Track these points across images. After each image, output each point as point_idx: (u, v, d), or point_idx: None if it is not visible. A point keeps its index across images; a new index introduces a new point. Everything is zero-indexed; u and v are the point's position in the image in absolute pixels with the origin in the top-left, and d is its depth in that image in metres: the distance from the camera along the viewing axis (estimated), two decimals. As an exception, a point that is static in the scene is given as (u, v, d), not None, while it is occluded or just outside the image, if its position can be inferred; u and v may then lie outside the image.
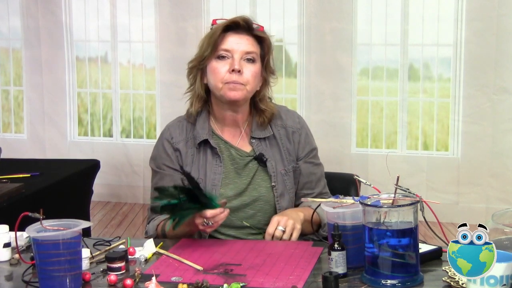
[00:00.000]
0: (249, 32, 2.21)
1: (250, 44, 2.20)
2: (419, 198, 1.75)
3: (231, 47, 2.18)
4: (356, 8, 5.20)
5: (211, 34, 2.20)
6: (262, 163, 2.25)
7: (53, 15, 5.74)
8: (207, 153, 2.25)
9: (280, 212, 2.22)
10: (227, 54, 2.19)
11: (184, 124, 2.30)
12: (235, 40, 2.19)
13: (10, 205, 2.95)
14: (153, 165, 2.31)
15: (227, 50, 2.18)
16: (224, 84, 2.18)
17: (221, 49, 2.19)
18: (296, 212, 2.17)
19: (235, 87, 2.18)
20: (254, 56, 2.20)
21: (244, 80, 2.18)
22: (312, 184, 2.33)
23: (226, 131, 2.29)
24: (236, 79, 2.17)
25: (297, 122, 2.33)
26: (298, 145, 2.31)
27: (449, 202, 5.07)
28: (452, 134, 5.19)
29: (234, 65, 2.16)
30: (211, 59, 2.20)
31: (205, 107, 2.29)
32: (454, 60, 5.10)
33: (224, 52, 2.19)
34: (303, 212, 2.16)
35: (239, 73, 2.17)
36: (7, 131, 6.09)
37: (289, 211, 2.19)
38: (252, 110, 2.30)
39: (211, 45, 2.18)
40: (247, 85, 2.19)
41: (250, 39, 2.21)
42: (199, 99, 2.27)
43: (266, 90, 2.29)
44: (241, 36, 2.20)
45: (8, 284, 1.84)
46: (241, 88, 2.18)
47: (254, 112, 2.29)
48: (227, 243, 2.08)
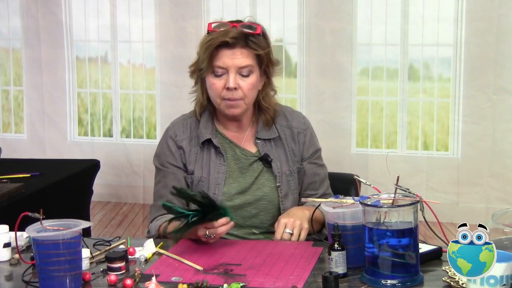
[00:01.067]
0: (244, 45, 2.17)
1: (244, 57, 2.17)
2: (419, 198, 1.75)
3: (225, 64, 2.16)
4: (356, 8, 5.20)
5: (205, 47, 2.16)
6: (267, 163, 2.25)
7: (53, 15, 5.74)
8: (211, 152, 2.26)
9: (285, 212, 2.22)
10: (222, 71, 2.17)
11: (188, 122, 2.30)
12: (229, 56, 2.16)
13: (10, 205, 2.94)
14: (156, 163, 2.31)
15: (222, 67, 2.17)
16: (222, 100, 2.19)
17: (216, 66, 2.17)
18: (302, 210, 2.17)
19: (233, 105, 2.18)
20: (250, 68, 2.18)
21: (241, 95, 2.18)
22: (316, 185, 2.33)
23: (230, 131, 2.30)
24: (232, 96, 2.17)
25: (302, 123, 2.34)
26: (303, 146, 2.31)
27: (449, 202, 5.07)
28: (452, 134, 5.19)
29: (229, 83, 2.15)
30: (208, 73, 2.19)
31: (208, 107, 2.29)
32: (454, 60, 5.10)
33: (219, 69, 2.17)
34: (309, 210, 2.15)
35: (235, 90, 2.16)
36: (7, 131, 6.09)
37: (294, 210, 2.19)
38: (256, 110, 2.30)
39: (206, 61, 2.16)
40: (245, 99, 2.19)
41: (244, 51, 2.17)
42: (200, 103, 2.28)
43: (268, 88, 2.29)
44: (234, 50, 2.16)
45: (8, 284, 1.84)
46: (239, 104, 2.19)
47: (258, 112, 2.30)
48: (227, 243, 2.08)
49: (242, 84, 2.17)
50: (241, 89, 2.17)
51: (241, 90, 2.17)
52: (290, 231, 2.08)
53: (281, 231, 2.08)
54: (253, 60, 2.19)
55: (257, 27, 2.20)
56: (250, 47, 2.17)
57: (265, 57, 2.21)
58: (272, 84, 2.30)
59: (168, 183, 2.25)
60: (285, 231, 2.08)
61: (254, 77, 2.19)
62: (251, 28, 2.19)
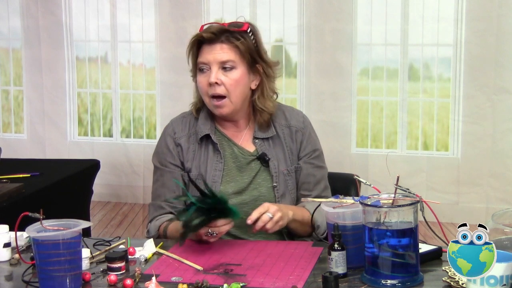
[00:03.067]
0: (225, 40, 2.18)
1: (225, 52, 2.17)
2: (419, 198, 1.75)
3: (207, 60, 2.18)
4: (356, 8, 5.20)
5: (190, 46, 2.21)
6: (265, 162, 2.25)
7: (53, 15, 5.74)
8: (209, 149, 2.25)
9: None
10: (205, 66, 2.19)
11: (187, 119, 2.31)
12: (210, 51, 2.18)
13: (10, 205, 2.94)
14: (155, 161, 2.31)
15: (204, 63, 2.18)
16: (209, 98, 2.20)
17: (199, 62, 2.20)
18: (287, 208, 2.13)
19: (218, 105, 2.19)
20: (232, 63, 2.18)
21: (224, 91, 2.17)
22: (309, 186, 2.30)
23: (229, 129, 2.29)
24: (216, 91, 2.17)
25: (301, 122, 2.33)
26: (300, 145, 2.30)
27: (449, 202, 5.07)
28: (452, 134, 5.19)
29: (210, 78, 2.16)
30: (196, 72, 2.22)
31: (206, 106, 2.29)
32: (454, 60, 5.10)
33: (203, 65, 2.19)
34: (293, 211, 2.13)
35: (217, 85, 2.17)
36: (7, 131, 6.09)
37: (282, 205, 2.15)
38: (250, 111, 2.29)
39: (192, 59, 2.22)
40: (230, 95, 2.18)
41: (224, 46, 2.17)
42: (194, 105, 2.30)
43: (264, 87, 2.25)
44: (215, 45, 2.17)
45: (8, 284, 1.84)
46: (224, 103, 2.19)
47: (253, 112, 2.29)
48: (227, 243, 2.08)
49: (225, 79, 2.17)
50: (224, 85, 2.17)
51: (224, 85, 2.17)
52: (271, 216, 2.03)
53: (262, 211, 2.03)
54: (236, 55, 2.18)
55: (243, 24, 2.21)
56: (230, 42, 2.17)
57: (249, 52, 2.20)
58: (270, 85, 2.27)
59: (166, 182, 2.25)
60: (266, 213, 2.03)
61: (237, 72, 2.19)
62: (237, 25, 2.20)
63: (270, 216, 2.03)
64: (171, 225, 2.15)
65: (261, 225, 2.02)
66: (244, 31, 2.19)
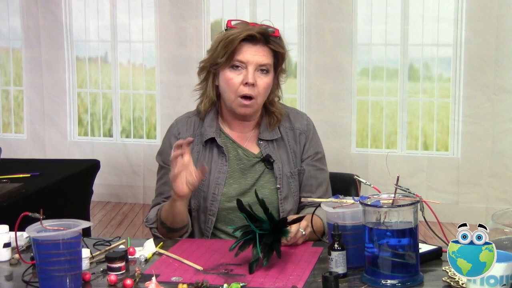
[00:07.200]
0: (265, 43, 2.19)
1: (265, 55, 2.18)
2: (419, 198, 1.75)
3: (246, 59, 2.17)
4: (356, 8, 5.20)
5: (227, 43, 2.16)
6: (269, 164, 2.25)
7: (53, 15, 5.74)
8: (213, 151, 2.26)
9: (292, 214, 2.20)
10: (241, 64, 2.17)
11: (192, 120, 2.30)
12: (251, 52, 2.17)
13: (10, 205, 2.94)
14: (159, 160, 2.32)
15: (242, 62, 2.17)
16: (237, 97, 2.18)
17: (236, 59, 2.17)
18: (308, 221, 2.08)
19: (248, 104, 2.18)
20: (268, 67, 2.19)
21: (256, 93, 2.18)
22: (312, 188, 2.31)
23: (234, 131, 2.29)
24: (248, 92, 2.17)
25: (305, 124, 2.33)
26: (304, 147, 2.31)
27: (449, 202, 5.07)
28: (452, 134, 5.19)
29: (248, 78, 2.15)
30: (225, 67, 2.19)
31: (214, 106, 2.29)
32: (454, 60, 5.10)
33: (239, 63, 2.17)
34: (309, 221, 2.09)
35: (253, 86, 2.17)
36: (7, 131, 6.09)
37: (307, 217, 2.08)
38: (263, 112, 2.30)
39: (227, 55, 2.16)
40: (258, 97, 2.19)
41: (265, 50, 2.19)
42: (209, 99, 2.27)
43: (277, 92, 2.30)
44: (257, 48, 2.18)
45: (8, 284, 1.84)
46: (252, 104, 2.19)
47: (264, 113, 2.29)
48: (227, 243, 2.08)
49: (259, 82, 2.18)
50: (257, 87, 2.17)
51: (257, 87, 2.17)
52: (304, 232, 2.04)
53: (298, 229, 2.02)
54: (272, 60, 2.21)
55: (275, 30, 2.22)
56: (271, 46, 2.19)
57: (281, 60, 2.23)
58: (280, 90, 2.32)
59: (169, 181, 2.25)
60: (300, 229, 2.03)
61: (270, 77, 2.21)
62: (272, 30, 2.21)
63: (303, 233, 2.04)
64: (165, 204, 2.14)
65: (294, 241, 2.03)
66: (278, 37, 2.21)
